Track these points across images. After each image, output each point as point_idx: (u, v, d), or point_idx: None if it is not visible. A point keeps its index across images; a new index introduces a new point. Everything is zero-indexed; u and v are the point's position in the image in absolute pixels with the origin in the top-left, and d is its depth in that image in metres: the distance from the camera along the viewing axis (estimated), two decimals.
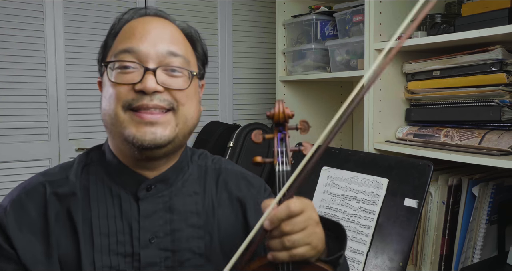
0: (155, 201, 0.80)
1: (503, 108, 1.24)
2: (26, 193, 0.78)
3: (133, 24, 0.79)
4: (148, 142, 0.73)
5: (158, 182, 0.81)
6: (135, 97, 0.73)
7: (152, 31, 0.77)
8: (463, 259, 1.30)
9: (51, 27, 2.08)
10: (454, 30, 1.30)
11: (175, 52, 0.77)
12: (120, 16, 0.82)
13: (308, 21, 1.95)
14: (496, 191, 1.29)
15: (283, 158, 0.69)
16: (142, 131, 0.73)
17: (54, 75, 2.10)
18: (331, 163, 1.42)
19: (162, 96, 0.74)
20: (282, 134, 0.71)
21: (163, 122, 0.74)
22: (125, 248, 0.77)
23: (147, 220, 0.78)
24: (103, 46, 0.83)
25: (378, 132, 1.54)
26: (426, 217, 1.37)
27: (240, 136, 2.15)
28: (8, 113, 2.02)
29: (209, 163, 0.91)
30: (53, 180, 0.80)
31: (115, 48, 0.77)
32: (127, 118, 0.74)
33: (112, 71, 0.76)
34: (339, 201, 1.34)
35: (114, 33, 0.81)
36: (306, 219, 0.64)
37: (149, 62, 0.75)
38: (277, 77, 2.12)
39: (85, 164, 0.83)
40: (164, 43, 0.77)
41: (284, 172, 0.68)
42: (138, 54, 0.75)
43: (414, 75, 1.52)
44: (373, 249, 1.21)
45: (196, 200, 0.84)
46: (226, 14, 2.52)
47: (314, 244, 0.65)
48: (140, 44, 0.75)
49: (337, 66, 1.83)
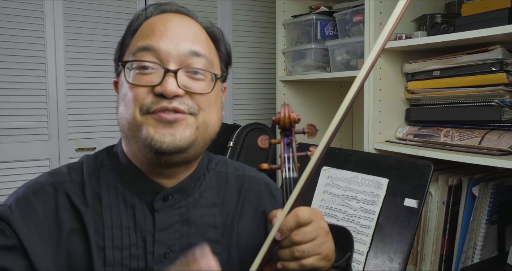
0: (172, 212, 0.75)
1: (503, 108, 1.24)
2: (33, 192, 0.72)
3: (153, 21, 0.73)
4: (167, 144, 0.67)
5: (176, 191, 0.75)
6: (154, 101, 0.68)
7: (174, 29, 0.71)
8: (463, 259, 1.30)
9: (51, 27, 2.08)
10: (454, 30, 1.30)
11: (198, 52, 0.72)
12: (140, 12, 0.77)
13: (308, 21, 1.95)
14: (496, 191, 1.28)
15: (290, 164, 0.67)
16: (161, 132, 0.67)
17: (54, 75, 2.10)
18: (331, 163, 1.42)
19: (182, 100, 0.69)
20: (288, 140, 0.69)
21: (183, 123, 0.69)
22: (139, 263, 0.71)
23: (162, 233, 0.73)
24: (120, 44, 0.78)
25: (378, 132, 1.54)
26: (426, 217, 1.37)
27: (240, 135, 2.15)
28: (8, 113, 2.02)
29: (230, 170, 0.86)
30: (63, 181, 0.74)
31: (133, 46, 0.72)
32: (145, 120, 0.68)
33: (130, 72, 0.71)
34: (339, 201, 1.34)
35: (132, 30, 0.76)
36: (315, 228, 0.63)
37: (170, 63, 0.70)
38: (277, 77, 2.12)
39: (95, 168, 0.77)
40: (186, 42, 0.71)
41: (291, 179, 0.66)
42: (158, 53, 0.70)
43: (414, 75, 1.51)
44: (373, 249, 1.21)
45: (214, 212, 0.79)
46: (226, 14, 2.52)
47: (324, 254, 0.63)
48: (161, 42, 0.70)
49: (337, 66, 1.83)
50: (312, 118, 2.18)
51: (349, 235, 0.77)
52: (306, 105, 2.18)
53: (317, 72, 1.93)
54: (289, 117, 0.67)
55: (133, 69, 0.70)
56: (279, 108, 2.14)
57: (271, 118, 0.68)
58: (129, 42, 0.75)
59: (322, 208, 1.37)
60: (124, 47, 0.76)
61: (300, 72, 1.99)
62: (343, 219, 1.31)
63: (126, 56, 0.74)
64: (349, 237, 0.76)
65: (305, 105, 2.18)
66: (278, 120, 0.68)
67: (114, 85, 0.79)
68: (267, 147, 0.69)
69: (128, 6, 2.23)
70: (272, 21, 2.30)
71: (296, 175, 0.66)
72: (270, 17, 2.54)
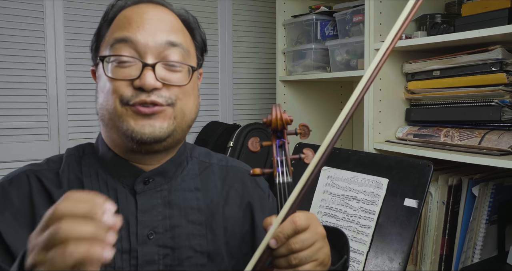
0: (154, 195, 0.77)
1: (503, 108, 1.24)
2: (9, 181, 0.76)
3: (128, 13, 0.75)
4: (147, 135, 0.71)
5: (156, 175, 0.78)
6: (134, 94, 0.71)
7: (150, 20, 0.73)
8: (463, 259, 1.30)
9: (51, 27, 2.08)
10: (454, 30, 1.30)
11: (175, 42, 0.74)
12: (114, 2, 0.79)
13: (308, 21, 1.95)
14: (496, 191, 1.29)
15: (283, 168, 0.63)
16: (141, 124, 0.71)
17: (54, 75, 2.10)
18: (331, 163, 1.42)
19: (160, 93, 0.72)
20: (280, 142, 0.65)
21: (161, 114, 0.72)
22: (122, 244, 0.73)
23: (145, 214, 0.75)
24: (96, 34, 0.80)
25: (378, 132, 1.54)
26: (426, 217, 1.37)
27: (240, 135, 2.15)
28: (8, 113, 2.02)
29: (213, 160, 0.88)
30: (38, 169, 0.77)
31: (110, 37, 0.74)
32: (125, 111, 0.71)
33: (109, 64, 0.73)
34: (339, 201, 1.34)
35: (108, 20, 0.78)
36: (313, 234, 0.61)
37: (147, 55, 0.72)
38: (277, 77, 2.12)
39: (77, 157, 0.80)
40: (162, 32, 0.73)
41: (285, 183, 0.63)
42: (135, 44, 0.72)
43: (414, 75, 1.51)
44: (373, 249, 1.21)
45: (197, 195, 0.81)
46: (226, 14, 2.52)
47: (320, 260, 0.62)
48: (138, 34, 0.72)
49: (337, 66, 1.83)
50: (312, 118, 2.18)
51: (343, 236, 0.76)
52: (306, 105, 2.18)
53: (317, 72, 1.93)
54: (281, 118, 0.64)
55: (111, 62, 0.73)
56: None
57: (262, 120, 0.65)
58: (105, 32, 0.77)
59: (322, 208, 1.37)
60: (100, 37, 0.78)
61: (300, 72, 1.99)
62: (343, 219, 1.31)
63: (103, 47, 0.76)
64: (343, 238, 0.76)
65: (305, 105, 2.18)
66: (270, 122, 0.64)
67: (92, 73, 0.82)
68: (259, 150, 0.65)
69: None
70: (272, 21, 2.30)
71: (290, 180, 0.63)
72: (270, 17, 2.54)
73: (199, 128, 2.39)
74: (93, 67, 0.81)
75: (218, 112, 2.53)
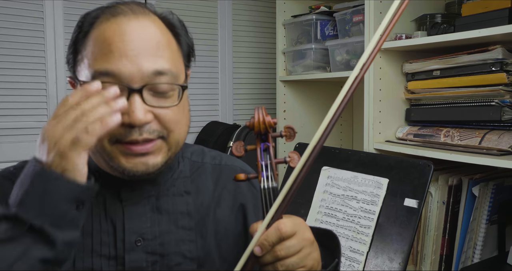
0: (141, 201, 0.74)
1: (503, 108, 1.24)
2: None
3: (107, 33, 0.66)
4: (140, 172, 0.68)
5: (144, 183, 0.75)
6: (123, 132, 0.65)
7: (132, 45, 0.65)
8: (463, 259, 1.30)
9: (51, 27, 2.08)
10: (454, 30, 1.30)
11: (162, 70, 0.67)
12: (89, 11, 0.72)
13: (308, 21, 1.95)
14: (496, 191, 1.28)
15: (268, 172, 0.61)
16: (133, 162, 0.67)
17: (54, 75, 2.10)
18: (331, 163, 1.42)
19: (151, 127, 0.67)
20: (265, 145, 0.63)
21: (154, 151, 0.68)
22: (109, 250, 0.71)
23: (132, 221, 0.72)
24: (71, 46, 0.72)
25: (378, 132, 1.54)
26: (426, 217, 1.37)
27: (240, 135, 2.15)
28: (8, 113, 2.02)
29: (206, 159, 0.85)
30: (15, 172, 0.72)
31: (91, 65, 0.66)
32: (115, 149, 0.67)
33: None
34: (339, 201, 1.34)
35: (83, 32, 0.70)
36: (299, 241, 0.59)
37: (133, 85, 0.66)
38: (277, 77, 2.12)
39: None
40: (148, 59, 0.66)
41: (270, 189, 0.60)
42: (119, 78, 0.65)
43: (414, 75, 1.51)
44: (373, 249, 1.21)
45: (187, 200, 0.78)
46: (226, 14, 2.52)
47: (309, 266, 0.60)
48: (121, 66, 0.65)
49: (337, 66, 1.83)
50: (312, 118, 2.18)
51: (335, 238, 0.75)
52: (306, 105, 2.18)
53: (317, 72, 1.93)
54: (264, 122, 0.60)
55: None
56: (279, 108, 2.15)
57: (245, 124, 0.64)
58: (81, 46, 0.69)
59: (322, 208, 1.37)
60: (77, 51, 0.70)
61: (300, 72, 1.99)
62: (343, 219, 1.31)
63: (82, 68, 0.68)
64: (335, 240, 0.75)
65: (305, 105, 2.18)
66: (252, 125, 0.61)
67: (70, 85, 0.74)
68: (243, 154, 0.62)
69: None
70: (272, 21, 2.30)
71: (275, 184, 0.61)
72: (270, 17, 2.54)
73: (199, 128, 2.39)
74: (71, 78, 0.73)
75: (218, 112, 2.53)
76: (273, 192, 0.60)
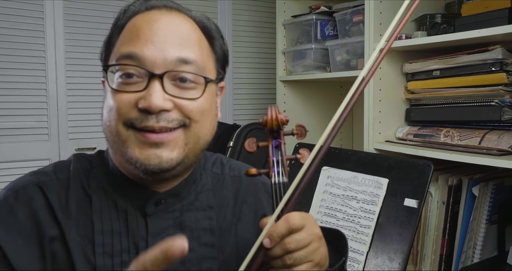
0: (165, 216, 0.71)
1: (503, 108, 1.24)
2: (14, 195, 0.69)
3: (138, 22, 0.67)
4: (153, 166, 0.65)
5: (170, 196, 0.72)
6: (138, 117, 0.63)
7: (160, 32, 0.65)
8: (463, 259, 1.30)
9: (51, 27, 2.08)
10: (454, 30, 1.30)
11: (187, 58, 0.66)
12: (126, 7, 0.72)
13: (308, 21, 1.95)
14: (496, 191, 1.29)
15: (279, 168, 0.63)
16: (146, 154, 0.64)
17: (54, 75, 2.10)
18: (331, 163, 1.42)
19: (170, 116, 0.64)
20: (277, 142, 0.65)
21: (170, 142, 0.65)
22: None
23: (155, 238, 0.69)
24: (106, 43, 0.72)
25: (378, 132, 1.54)
26: (426, 217, 1.37)
27: (240, 135, 2.15)
28: (8, 113, 2.02)
29: (226, 170, 0.83)
30: (46, 180, 0.70)
31: (117, 50, 0.67)
32: (130, 136, 0.65)
33: (114, 76, 0.66)
34: (339, 201, 1.34)
35: (119, 26, 0.70)
36: (308, 234, 0.59)
37: (155, 71, 0.64)
38: (277, 77, 2.12)
39: (85, 170, 0.73)
40: (174, 47, 0.65)
41: (280, 184, 0.62)
42: (142, 61, 0.64)
43: (414, 75, 1.52)
44: (373, 249, 1.21)
45: (209, 215, 0.76)
46: (226, 14, 2.52)
47: (316, 261, 0.61)
48: (145, 49, 0.64)
49: (337, 66, 1.83)
50: (312, 118, 2.18)
51: (343, 238, 0.75)
52: (306, 105, 2.18)
53: (317, 72, 1.93)
54: (277, 119, 0.63)
55: (116, 73, 0.66)
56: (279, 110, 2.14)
57: (258, 120, 0.64)
58: (115, 41, 0.69)
59: (322, 208, 1.37)
60: (110, 46, 0.70)
61: (300, 72, 1.99)
62: (343, 219, 1.31)
63: (111, 59, 0.69)
64: (343, 240, 0.74)
65: (305, 105, 2.18)
66: (265, 122, 0.63)
67: (102, 84, 0.74)
68: (255, 150, 0.64)
69: None
70: (272, 21, 2.30)
71: (286, 180, 0.63)
72: (270, 17, 2.54)
73: None
74: (103, 78, 0.73)
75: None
76: (284, 187, 0.62)
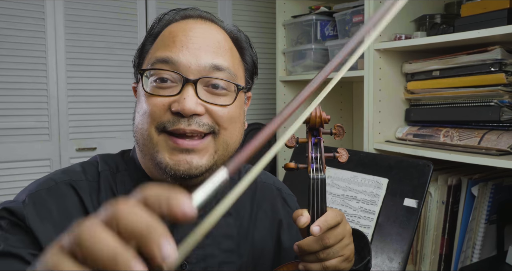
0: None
1: (502, 109, 1.24)
2: (47, 190, 0.68)
3: (174, 29, 0.69)
4: (182, 172, 0.65)
5: None
6: (171, 120, 0.65)
7: (195, 39, 0.67)
8: (463, 259, 1.31)
9: (51, 27, 2.08)
10: (454, 31, 1.31)
11: (220, 66, 0.67)
12: (161, 16, 0.74)
13: (308, 21, 1.95)
14: (495, 190, 1.29)
15: (317, 165, 0.66)
16: (176, 159, 0.65)
17: (54, 75, 2.10)
18: (331, 163, 1.42)
19: (201, 120, 0.65)
20: (316, 139, 0.67)
21: (201, 150, 0.66)
22: None
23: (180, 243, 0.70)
24: (140, 49, 0.74)
25: (378, 132, 1.54)
26: (425, 216, 1.37)
27: None
28: (9, 113, 2.02)
29: (241, 175, 0.83)
30: (78, 180, 0.71)
31: (153, 55, 0.69)
32: (161, 141, 0.66)
33: (148, 81, 0.67)
34: (339, 201, 1.35)
35: (153, 34, 0.72)
36: (343, 230, 0.63)
37: (189, 76, 0.66)
38: (277, 77, 2.13)
39: (112, 173, 0.74)
40: (208, 54, 0.67)
41: (318, 179, 0.65)
42: (177, 66, 0.66)
43: (414, 75, 1.52)
44: (373, 249, 1.22)
45: (229, 221, 0.76)
46: (226, 14, 2.52)
47: (346, 256, 0.64)
48: (181, 55, 0.66)
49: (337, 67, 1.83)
50: None
51: (364, 237, 0.76)
52: (306, 106, 2.18)
53: (317, 72, 1.93)
54: (320, 117, 0.66)
55: (151, 78, 0.67)
56: (279, 109, 2.14)
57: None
58: (149, 48, 0.71)
59: None
60: (144, 53, 0.72)
61: (300, 72, 2.00)
62: None
63: (145, 64, 0.70)
64: (364, 239, 0.76)
65: (305, 105, 2.18)
66: (309, 119, 0.66)
67: (133, 90, 0.76)
68: (294, 145, 0.66)
69: (128, 6, 2.24)
70: (272, 21, 2.30)
71: (324, 176, 0.65)
72: (270, 17, 2.54)
73: None
74: (135, 83, 0.75)
75: None
76: (322, 183, 0.65)
